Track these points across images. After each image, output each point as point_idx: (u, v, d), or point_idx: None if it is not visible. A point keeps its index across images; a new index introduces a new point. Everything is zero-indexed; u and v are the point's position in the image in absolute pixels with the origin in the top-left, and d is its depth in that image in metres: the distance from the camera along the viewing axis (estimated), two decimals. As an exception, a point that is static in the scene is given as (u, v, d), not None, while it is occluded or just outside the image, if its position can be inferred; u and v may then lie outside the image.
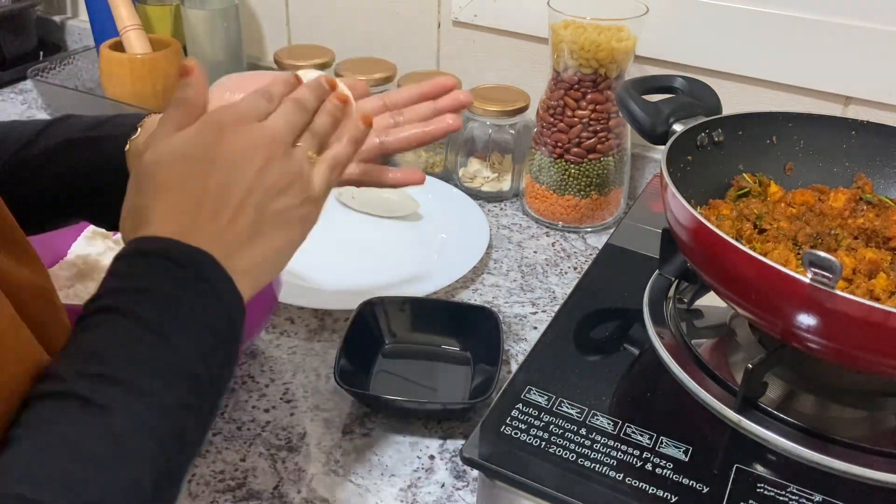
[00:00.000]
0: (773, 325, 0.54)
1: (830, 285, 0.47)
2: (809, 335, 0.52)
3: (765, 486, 0.53)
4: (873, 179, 0.71)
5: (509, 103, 0.96)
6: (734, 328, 0.67)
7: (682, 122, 0.68)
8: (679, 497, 0.52)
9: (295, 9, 1.20)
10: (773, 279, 0.51)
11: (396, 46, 1.12)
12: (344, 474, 0.60)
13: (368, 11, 1.13)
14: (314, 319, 0.77)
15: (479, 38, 1.07)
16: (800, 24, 0.86)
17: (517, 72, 1.05)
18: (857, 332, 0.50)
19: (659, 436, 0.56)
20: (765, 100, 0.92)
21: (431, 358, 0.71)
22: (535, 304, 0.80)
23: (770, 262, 0.50)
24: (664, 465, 0.54)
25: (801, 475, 0.54)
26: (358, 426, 0.64)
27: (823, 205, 0.68)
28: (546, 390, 0.60)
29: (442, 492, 0.59)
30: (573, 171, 0.91)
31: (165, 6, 1.18)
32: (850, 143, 0.72)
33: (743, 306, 0.56)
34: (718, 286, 0.58)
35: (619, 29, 0.85)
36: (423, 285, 0.79)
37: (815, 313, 0.50)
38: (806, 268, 0.48)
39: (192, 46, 1.15)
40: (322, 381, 0.69)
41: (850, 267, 0.58)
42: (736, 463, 0.54)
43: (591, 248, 0.90)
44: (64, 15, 1.44)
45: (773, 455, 0.55)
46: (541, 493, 0.52)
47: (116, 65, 1.06)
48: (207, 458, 0.61)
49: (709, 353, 0.64)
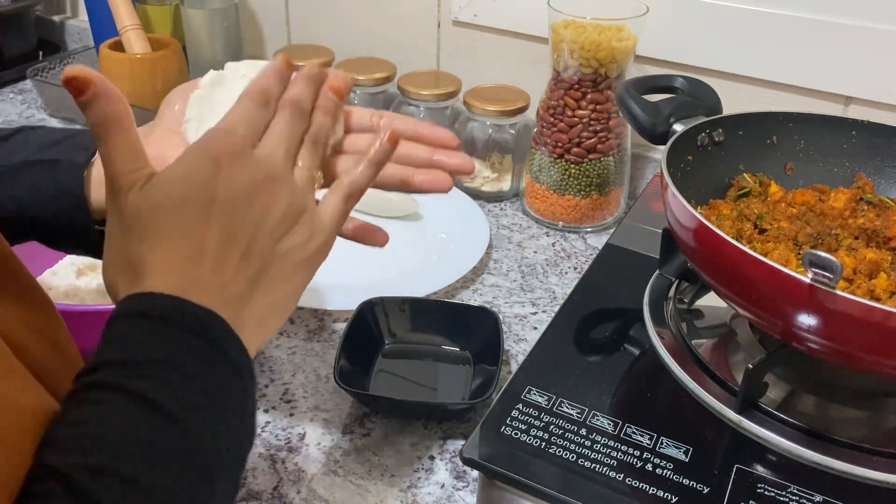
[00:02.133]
0: (774, 326, 0.54)
1: (831, 285, 0.47)
2: (810, 335, 0.52)
3: (765, 487, 0.52)
4: (874, 179, 0.71)
5: (509, 103, 0.96)
6: (734, 328, 0.67)
7: (683, 122, 0.68)
8: (679, 497, 0.52)
9: (295, 9, 1.20)
10: (773, 279, 0.50)
11: (396, 46, 1.12)
12: (344, 474, 0.60)
13: (368, 11, 1.13)
14: (314, 319, 0.76)
15: (479, 38, 1.07)
16: (800, 24, 0.86)
17: (517, 72, 1.05)
18: (857, 333, 0.49)
19: (659, 436, 0.56)
20: (765, 100, 0.92)
21: (431, 358, 0.71)
22: (535, 304, 0.80)
23: (770, 263, 0.50)
24: (664, 465, 0.54)
25: (801, 475, 0.54)
26: (358, 426, 0.64)
27: (824, 205, 0.68)
28: (546, 390, 0.60)
29: (442, 492, 0.59)
30: (573, 171, 0.90)
31: (165, 6, 1.18)
32: (851, 143, 0.72)
33: (743, 306, 0.56)
34: (719, 286, 0.58)
35: (619, 29, 0.85)
36: (423, 285, 0.79)
37: (816, 313, 0.50)
38: (806, 268, 0.48)
39: (191, 46, 1.15)
40: (322, 381, 0.69)
41: (851, 267, 0.58)
42: (736, 463, 0.54)
43: (592, 248, 0.90)
44: (63, 15, 1.44)
45: (773, 455, 0.55)
46: (541, 494, 0.52)
47: (116, 65, 1.06)
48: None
49: (709, 353, 0.64)
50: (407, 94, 1.00)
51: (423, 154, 0.53)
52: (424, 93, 0.99)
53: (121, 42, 1.08)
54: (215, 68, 0.58)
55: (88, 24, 1.25)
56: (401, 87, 1.00)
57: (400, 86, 1.00)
